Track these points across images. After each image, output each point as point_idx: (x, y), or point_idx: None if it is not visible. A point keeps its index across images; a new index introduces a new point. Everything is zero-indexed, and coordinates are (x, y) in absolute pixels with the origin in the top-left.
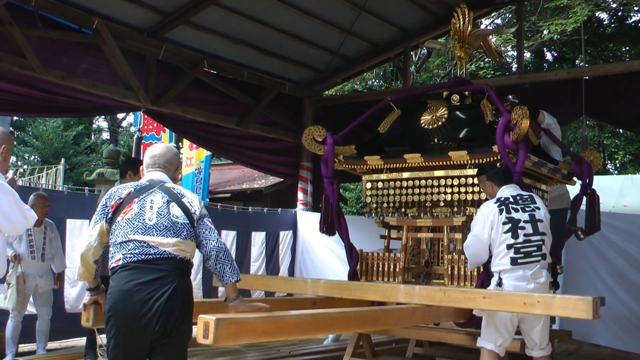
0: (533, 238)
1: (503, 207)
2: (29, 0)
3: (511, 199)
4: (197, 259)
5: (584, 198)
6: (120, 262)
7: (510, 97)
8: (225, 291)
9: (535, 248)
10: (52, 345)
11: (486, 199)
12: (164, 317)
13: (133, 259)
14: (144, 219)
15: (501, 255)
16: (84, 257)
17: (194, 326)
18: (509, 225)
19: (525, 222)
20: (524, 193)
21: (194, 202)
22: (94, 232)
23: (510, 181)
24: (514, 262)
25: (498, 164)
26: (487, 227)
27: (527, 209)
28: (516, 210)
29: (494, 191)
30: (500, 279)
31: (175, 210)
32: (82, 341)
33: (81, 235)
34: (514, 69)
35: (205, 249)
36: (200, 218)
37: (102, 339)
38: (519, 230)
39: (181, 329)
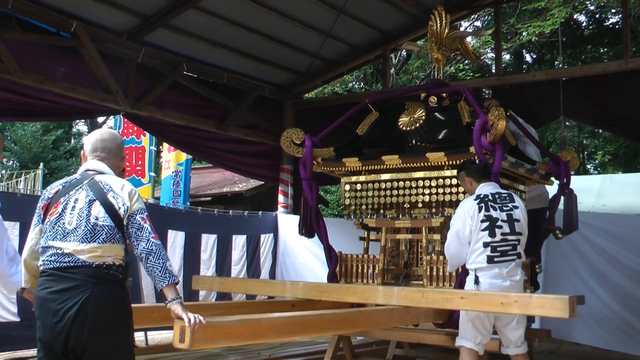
0: (509, 237)
1: (482, 204)
2: (5, 3)
3: (490, 197)
4: (176, 263)
5: (562, 198)
6: (41, 268)
7: (485, 90)
8: (161, 294)
9: (510, 247)
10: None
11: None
12: (76, 330)
13: (50, 266)
14: (64, 223)
15: (478, 252)
16: (27, 263)
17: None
18: (487, 224)
19: (502, 221)
20: (503, 191)
21: (123, 196)
22: (33, 235)
23: (489, 178)
24: (490, 260)
25: (477, 161)
26: (467, 223)
27: (505, 207)
28: (494, 209)
29: (473, 187)
30: (476, 276)
31: (96, 210)
32: None
33: None
34: (493, 71)
35: (137, 250)
36: (131, 215)
37: None
38: (497, 229)
39: (96, 343)
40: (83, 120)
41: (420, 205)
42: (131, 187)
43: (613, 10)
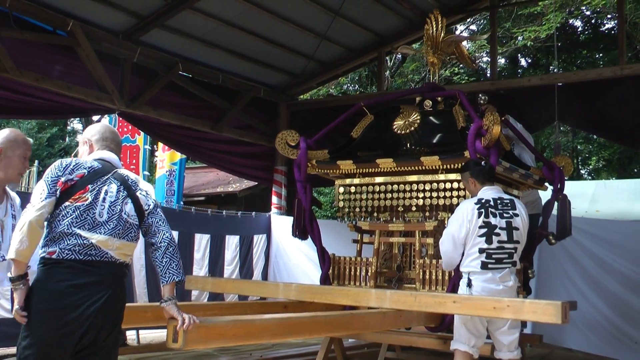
0: (506, 245)
1: (482, 210)
2: (3, 2)
3: (492, 202)
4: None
5: (556, 203)
6: (54, 256)
7: (481, 95)
8: (164, 290)
9: (507, 255)
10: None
11: (458, 205)
12: (96, 326)
13: (70, 257)
14: (94, 214)
15: (472, 257)
16: (34, 227)
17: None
18: (484, 230)
19: (501, 228)
20: (505, 197)
21: (150, 195)
22: (46, 203)
23: (494, 181)
24: (484, 266)
25: (483, 162)
26: (464, 226)
27: (505, 215)
28: (494, 215)
29: (476, 189)
30: (469, 280)
31: (129, 207)
32: None
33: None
34: (488, 75)
35: (156, 238)
36: (155, 208)
37: None
38: (494, 237)
39: (111, 338)
40: (78, 119)
41: (414, 208)
42: (149, 185)
43: (609, 16)
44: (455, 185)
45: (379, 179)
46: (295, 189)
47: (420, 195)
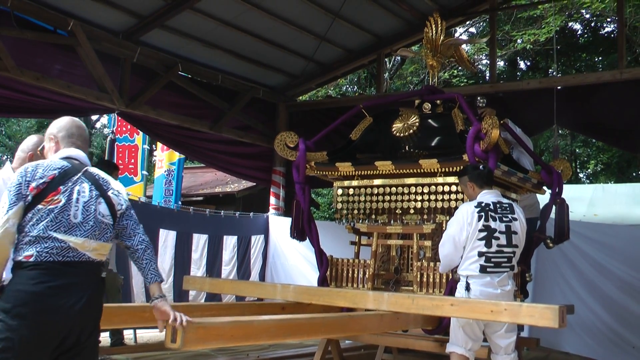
0: (505, 249)
1: (482, 213)
2: (4, 1)
3: (491, 206)
4: (167, 262)
5: (554, 207)
6: (32, 259)
7: (479, 98)
8: (150, 289)
9: (505, 259)
10: None
11: (456, 208)
12: (78, 327)
13: (49, 259)
14: (69, 215)
15: (471, 260)
16: (1, 244)
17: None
18: (484, 233)
19: (500, 232)
20: (504, 201)
21: (122, 195)
22: (11, 215)
23: (492, 184)
24: (482, 269)
25: (481, 166)
26: (464, 229)
27: (504, 219)
28: (494, 219)
29: (475, 193)
30: (467, 283)
31: (103, 207)
32: None
33: None
34: (487, 77)
35: (132, 241)
36: (127, 209)
37: None
38: (493, 240)
39: (92, 338)
40: (77, 118)
41: (412, 211)
42: (120, 184)
43: (608, 19)
44: (454, 188)
45: (377, 181)
46: (294, 190)
47: (419, 198)
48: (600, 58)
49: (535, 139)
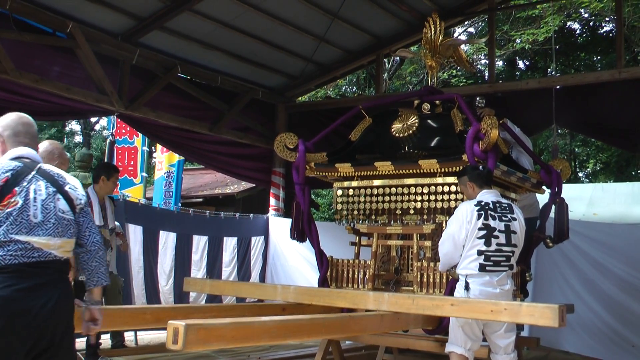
0: (504, 248)
1: (482, 212)
2: (3, 4)
3: (491, 205)
4: (168, 264)
5: (553, 206)
6: None
7: (478, 98)
8: (91, 292)
9: (504, 258)
10: None
11: (456, 208)
12: (51, 328)
13: (13, 261)
14: (28, 216)
15: (470, 259)
16: None
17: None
18: (484, 232)
19: (500, 231)
20: (504, 201)
21: (79, 189)
22: None
23: (491, 184)
24: (482, 268)
25: (481, 167)
26: (464, 227)
27: (504, 218)
28: (493, 218)
29: (475, 193)
30: (467, 282)
31: (62, 204)
32: None
33: None
34: (486, 77)
35: (86, 239)
36: (85, 205)
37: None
38: (493, 239)
39: (67, 338)
40: (76, 120)
41: (412, 211)
42: (75, 179)
43: (607, 19)
44: (453, 188)
45: (377, 182)
46: (293, 191)
47: (418, 198)
48: (598, 57)
49: (534, 139)
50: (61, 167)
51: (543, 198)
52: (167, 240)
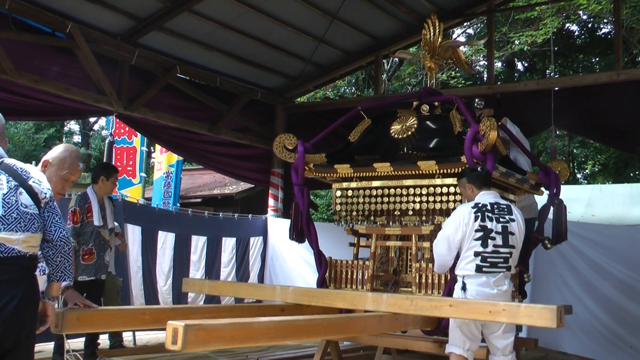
0: (502, 250)
1: (479, 213)
2: (3, 4)
3: (489, 207)
4: (166, 264)
5: (552, 208)
6: None
7: (477, 100)
8: (50, 287)
9: (502, 260)
10: None
11: (454, 209)
12: (16, 326)
13: None
14: None
15: (467, 260)
16: None
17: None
18: (480, 233)
19: (497, 232)
20: (502, 202)
21: (44, 183)
22: None
23: (490, 186)
24: (478, 269)
25: (479, 168)
26: (460, 229)
27: (501, 219)
28: (490, 220)
29: (474, 194)
30: (464, 283)
31: (24, 198)
32: (49, 346)
33: None
34: (485, 79)
35: (52, 235)
36: (51, 199)
37: (69, 344)
38: (489, 240)
39: (31, 335)
40: (75, 120)
41: (410, 212)
42: (41, 173)
43: (605, 20)
44: (452, 189)
45: (376, 183)
46: (292, 192)
47: (417, 199)
48: (597, 59)
49: (532, 140)
50: (70, 178)
51: (541, 199)
52: (165, 241)
